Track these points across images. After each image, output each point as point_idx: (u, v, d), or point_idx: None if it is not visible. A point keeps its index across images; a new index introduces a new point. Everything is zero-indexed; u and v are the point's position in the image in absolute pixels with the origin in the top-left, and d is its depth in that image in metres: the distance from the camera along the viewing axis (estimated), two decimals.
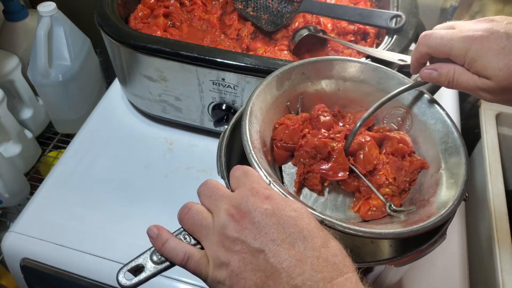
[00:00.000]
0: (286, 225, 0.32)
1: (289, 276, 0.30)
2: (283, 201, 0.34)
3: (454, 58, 0.42)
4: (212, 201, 0.36)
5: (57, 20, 0.95)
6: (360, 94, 0.53)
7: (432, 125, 0.48)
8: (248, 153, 0.41)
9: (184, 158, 0.76)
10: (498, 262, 0.68)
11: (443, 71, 0.44)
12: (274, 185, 0.38)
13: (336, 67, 0.52)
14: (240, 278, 0.32)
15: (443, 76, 0.44)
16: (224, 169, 0.48)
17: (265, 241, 0.32)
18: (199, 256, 0.35)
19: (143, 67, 0.70)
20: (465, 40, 0.41)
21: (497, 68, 0.39)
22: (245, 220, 0.33)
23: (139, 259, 0.36)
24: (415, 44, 0.47)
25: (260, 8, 0.78)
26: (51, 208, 0.69)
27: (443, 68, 0.44)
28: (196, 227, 0.36)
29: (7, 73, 1.03)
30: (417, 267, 0.63)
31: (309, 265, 0.30)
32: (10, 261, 0.66)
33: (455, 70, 0.43)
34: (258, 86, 0.48)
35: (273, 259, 0.31)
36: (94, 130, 0.82)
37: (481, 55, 0.40)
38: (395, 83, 0.51)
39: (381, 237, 0.37)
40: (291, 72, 0.51)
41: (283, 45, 0.73)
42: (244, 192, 0.35)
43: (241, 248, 0.32)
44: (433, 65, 0.45)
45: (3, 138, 1.03)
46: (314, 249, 0.31)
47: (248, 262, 0.32)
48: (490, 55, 0.39)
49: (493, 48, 0.39)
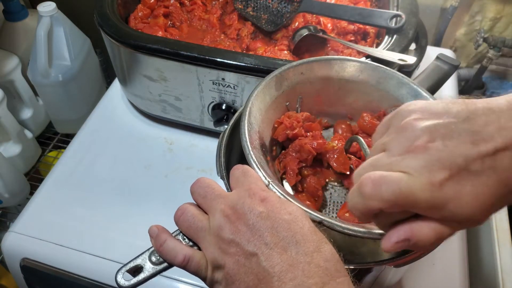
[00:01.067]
0: (279, 229, 0.32)
1: (281, 281, 0.30)
2: (279, 204, 0.34)
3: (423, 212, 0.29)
4: (207, 201, 0.36)
5: (57, 20, 0.95)
6: (360, 94, 0.53)
7: None
8: (247, 154, 0.41)
9: (184, 158, 0.76)
10: (498, 262, 0.68)
11: (420, 238, 0.29)
12: (273, 186, 0.38)
13: (335, 66, 0.52)
14: (234, 280, 0.32)
15: (421, 243, 0.29)
16: (224, 169, 0.48)
17: (259, 244, 0.32)
18: (199, 258, 0.35)
19: (143, 67, 0.70)
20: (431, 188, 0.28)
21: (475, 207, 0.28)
22: (240, 222, 0.33)
23: (138, 260, 0.36)
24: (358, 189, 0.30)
25: (260, 8, 0.78)
26: (51, 208, 0.69)
27: (417, 234, 0.29)
28: (193, 229, 0.36)
29: (7, 73, 1.03)
30: (417, 267, 0.63)
31: (300, 270, 0.30)
32: (10, 261, 0.66)
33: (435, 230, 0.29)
34: (257, 87, 0.48)
35: (265, 263, 0.31)
36: (94, 130, 0.82)
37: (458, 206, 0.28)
38: (395, 82, 0.51)
39: (381, 237, 0.37)
40: (290, 72, 0.51)
41: (283, 45, 0.73)
42: (242, 193, 0.35)
43: (235, 251, 0.32)
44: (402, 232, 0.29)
45: (3, 138, 1.03)
46: (306, 254, 0.31)
47: (242, 265, 0.32)
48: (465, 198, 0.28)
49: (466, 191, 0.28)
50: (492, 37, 0.94)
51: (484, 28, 0.97)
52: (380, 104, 0.52)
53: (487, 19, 0.99)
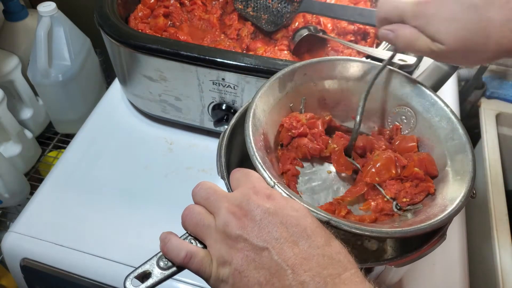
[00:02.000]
0: (288, 224, 0.33)
1: (295, 273, 0.30)
2: (285, 201, 0.35)
3: (407, 20, 0.42)
4: (211, 203, 0.36)
5: (57, 20, 0.95)
6: None
7: (436, 122, 0.48)
8: (252, 155, 0.41)
9: (184, 158, 0.76)
10: (498, 262, 0.68)
11: (399, 33, 0.43)
12: (279, 187, 0.38)
13: (338, 67, 0.52)
14: (243, 276, 0.32)
15: (400, 38, 0.43)
16: (224, 169, 0.48)
17: (269, 239, 0.32)
18: (202, 255, 0.35)
19: (143, 67, 0.70)
20: (417, 3, 0.41)
21: (448, 33, 0.39)
22: (247, 218, 0.33)
23: (146, 265, 0.35)
24: None
25: (260, 8, 0.78)
26: (51, 208, 0.69)
27: (399, 30, 0.43)
28: (199, 226, 0.36)
29: (7, 73, 1.03)
30: (417, 267, 0.63)
31: (315, 262, 0.31)
32: (10, 261, 0.66)
33: (411, 33, 0.42)
34: (261, 88, 0.48)
35: (277, 257, 0.31)
36: (94, 130, 0.82)
37: (433, 19, 0.40)
38: (398, 81, 0.51)
39: (388, 236, 0.37)
40: (294, 74, 0.51)
41: (283, 45, 0.73)
42: (245, 191, 0.35)
43: (244, 246, 0.32)
44: (391, 25, 0.44)
45: (3, 138, 1.03)
46: (318, 247, 0.32)
47: (252, 260, 0.32)
48: (442, 20, 0.39)
49: (444, 12, 0.39)
50: None
51: None
52: (384, 104, 0.52)
53: None
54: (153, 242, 0.38)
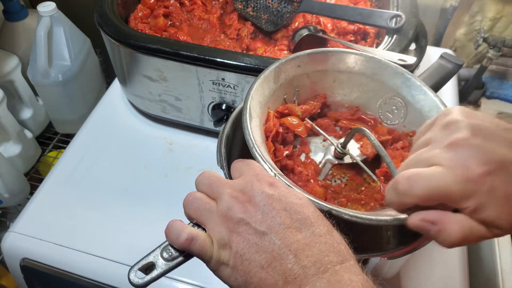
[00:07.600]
0: (292, 211, 0.33)
1: (298, 258, 0.31)
2: (287, 189, 0.35)
3: (452, 203, 0.30)
4: (213, 189, 0.37)
5: (57, 20, 0.95)
6: (355, 85, 0.54)
7: (427, 112, 0.49)
8: (251, 147, 0.42)
9: (184, 158, 0.76)
10: (498, 262, 0.68)
11: (447, 227, 0.30)
12: (280, 177, 0.39)
13: (331, 58, 0.52)
14: (244, 259, 0.32)
15: (445, 234, 0.30)
16: (224, 159, 0.48)
17: (272, 224, 0.32)
18: (204, 237, 0.35)
19: (143, 67, 0.70)
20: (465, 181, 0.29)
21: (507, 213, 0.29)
22: (250, 204, 0.34)
23: (150, 257, 0.35)
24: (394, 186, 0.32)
25: (260, 8, 0.78)
26: (51, 208, 0.69)
27: (445, 223, 0.30)
28: (200, 211, 0.36)
29: (7, 73, 1.03)
30: (417, 267, 0.63)
31: (317, 249, 0.32)
32: (10, 261, 0.66)
33: (463, 227, 0.30)
34: (256, 80, 0.48)
35: (279, 242, 0.32)
36: (94, 130, 0.82)
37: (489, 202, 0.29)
38: (390, 72, 0.51)
39: (387, 223, 0.38)
40: (287, 65, 0.51)
41: (283, 45, 0.73)
42: (248, 178, 0.36)
43: (245, 229, 0.33)
44: (432, 215, 0.31)
45: (3, 138, 1.03)
46: (320, 235, 0.32)
47: (253, 244, 0.32)
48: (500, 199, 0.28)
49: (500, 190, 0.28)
50: (492, 37, 0.94)
51: (484, 28, 0.97)
52: (375, 95, 0.53)
53: (487, 19, 0.99)
54: (153, 242, 0.38)
